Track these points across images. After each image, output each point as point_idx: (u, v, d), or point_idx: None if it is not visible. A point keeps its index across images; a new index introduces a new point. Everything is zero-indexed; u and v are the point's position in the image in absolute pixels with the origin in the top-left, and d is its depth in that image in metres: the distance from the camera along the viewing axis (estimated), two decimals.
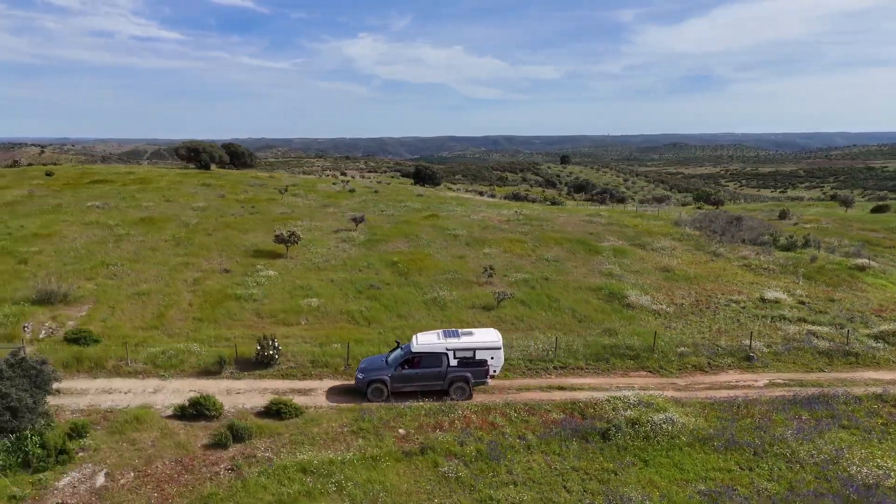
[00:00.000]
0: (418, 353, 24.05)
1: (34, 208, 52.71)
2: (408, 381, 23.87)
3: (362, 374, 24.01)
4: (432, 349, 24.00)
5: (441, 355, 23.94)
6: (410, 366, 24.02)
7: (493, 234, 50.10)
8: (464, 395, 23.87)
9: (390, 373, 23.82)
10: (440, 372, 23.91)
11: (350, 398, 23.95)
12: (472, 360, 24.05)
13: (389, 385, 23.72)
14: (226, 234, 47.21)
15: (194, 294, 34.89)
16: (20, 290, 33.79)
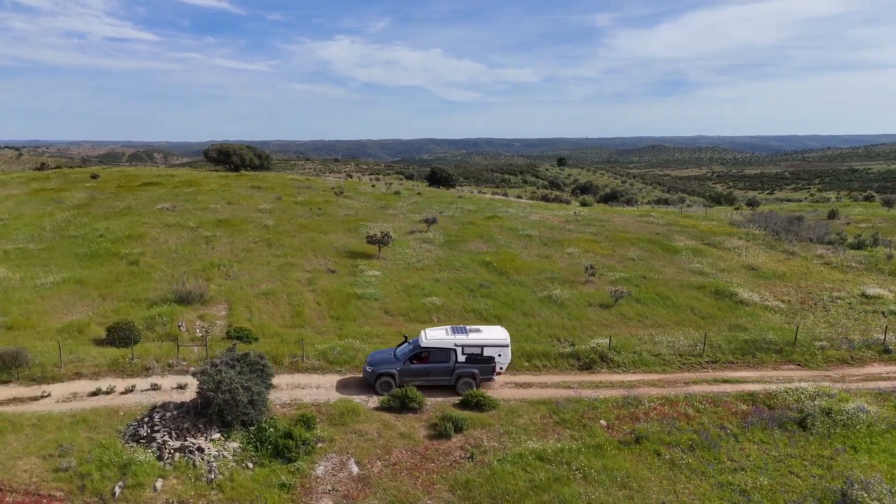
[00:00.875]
0: (427, 348, 24.41)
1: (105, 211, 52.78)
2: (416, 376, 24.21)
3: (371, 367, 24.39)
4: (441, 344, 24.42)
5: (450, 351, 24.37)
6: (419, 360, 24.39)
7: (564, 234, 51.49)
8: (470, 390, 24.19)
9: (399, 367, 24.18)
10: (448, 367, 24.39)
11: (530, 390, 25.07)
12: (480, 356, 24.53)
13: (398, 379, 24.08)
14: (309, 236, 47.87)
15: (315, 293, 35.66)
16: (150, 290, 34.30)
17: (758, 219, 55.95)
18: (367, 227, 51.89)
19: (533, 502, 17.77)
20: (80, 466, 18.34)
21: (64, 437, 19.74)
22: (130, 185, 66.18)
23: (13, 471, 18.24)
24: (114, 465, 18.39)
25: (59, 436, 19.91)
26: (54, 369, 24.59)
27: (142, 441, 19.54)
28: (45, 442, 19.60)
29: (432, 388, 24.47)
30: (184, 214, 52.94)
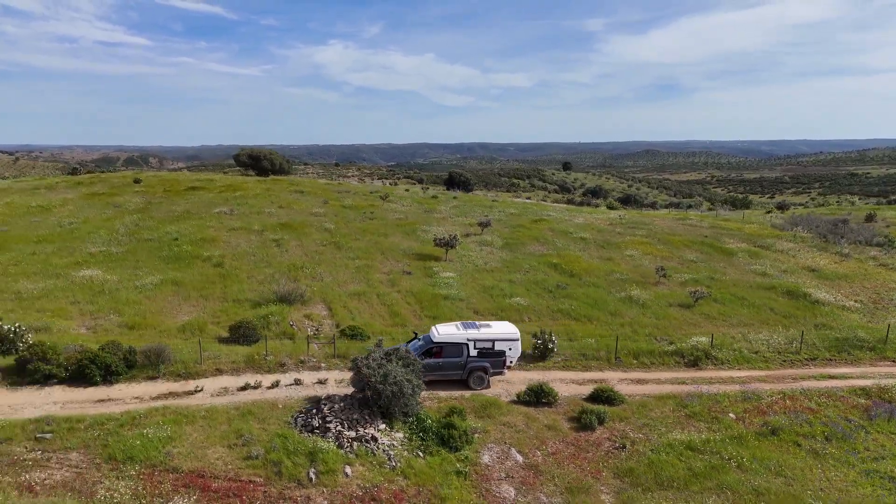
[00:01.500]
0: (440, 344, 24.84)
1: (166, 215, 53.59)
2: (429, 371, 24.25)
3: None
4: (454, 340, 24.85)
5: (462, 346, 24.81)
6: (432, 356, 24.81)
7: (616, 237, 52.87)
8: (482, 384, 24.99)
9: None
10: (460, 362, 24.85)
11: (648, 386, 26.30)
12: (492, 350, 25.03)
13: None
14: (371, 239, 48.95)
15: (402, 294, 36.78)
16: (245, 291, 35.32)
17: (800, 222, 57.54)
18: (424, 231, 53.14)
19: (699, 488, 18.99)
20: (269, 454, 19.38)
21: (240, 428, 20.78)
22: (176, 189, 66.93)
23: (206, 459, 19.26)
24: (300, 453, 19.44)
25: (234, 427, 20.94)
26: (195, 366, 25.59)
27: (316, 431, 20.60)
28: (222, 432, 20.63)
29: (444, 382, 24.90)
30: (243, 218, 53.86)
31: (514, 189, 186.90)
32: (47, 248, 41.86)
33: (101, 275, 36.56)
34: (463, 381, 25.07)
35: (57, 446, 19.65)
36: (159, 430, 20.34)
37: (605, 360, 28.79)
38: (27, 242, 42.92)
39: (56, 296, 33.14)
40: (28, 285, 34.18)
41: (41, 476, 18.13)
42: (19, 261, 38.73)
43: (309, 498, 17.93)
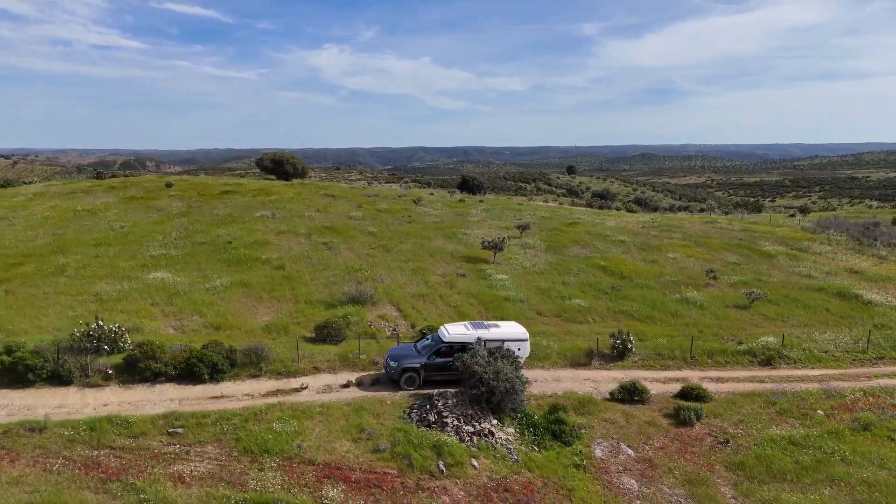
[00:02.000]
0: (450, 343, 24.81)
1: (210, 219, 54.21)
2: (439, 370, 24.52)
3: (395, 361, 24.63)
4: (464, 339, 24.78)
5: (472, 345, 24.74)
6: (442, 355, 24.75)
7: (654, 240, 53.85)
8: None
9: (423, 361, 24.47)
10: None
11: (729, 385, 27.23)
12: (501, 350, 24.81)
13: (422, 373, 24.44)
14: (416, 242, 49.75)
15: (462, 295, 37.58)
16: (314, 293, 36.12)
17: (830, 225, 58.72)
18: (464, 234, 54.02)
19: (810, 480, 19.91)
20: (396, 448, 20.19)
21: (359, 423, 21.59)
22: (210, 193, 67.54)
23: (336, 452, 20.06)
24: (425, 447, 20.25)
25: (352, 422, 21.75)
26: (293, 364, 26.36)
27: (434, 426, 21.42)
28: (342, 427, 21.44)
29: (452, 382, 24.60)
30: (285, 222, 54.56)
31: (520, 192, 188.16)
32: (108, 251, 42.45)
33: (171, 277, 37.23)
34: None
35: (190, 440, 20.41)
36: (285, 424, 21.13)
37: (681, 359, 29.68)
38: (86, 245, 43.51)
39: (134, 297, 33.81)
40: (105, 287, 34.83)
41: (187, 468, 18.88)
42: (85, 263, 39.33)
43: (445, 488, 18.74)
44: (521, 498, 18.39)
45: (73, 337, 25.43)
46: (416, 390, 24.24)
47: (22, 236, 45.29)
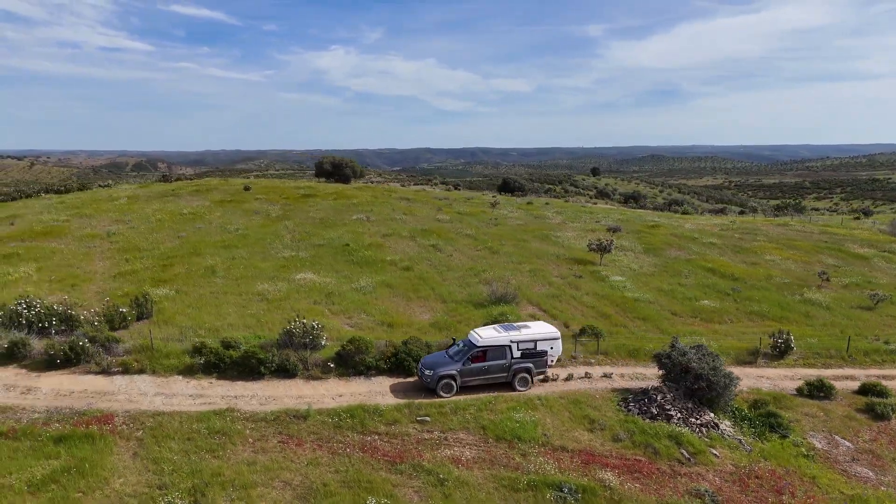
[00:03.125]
0: (484, 347, 24.93)
1: (310, 222, 55.74)
2: (475, 375, 24.72)
3: (430, 370, 24.55)
4: (497, 342, 25.03)
5: (505, 348, 25.00)
6: (476, 360, 24.83)
7: (742, 242, 55.29)
8: (527, 385, 25.19)
9: (458, 367, 24.49)
10: (505, 364, 24.96)
11: (893, 381, 28.65)
12: (534, 351, 25.36)
13: (458, 379, 24.51)
14: (517, 244, 51.29)
15: (591, 296, 38.92)
16: (454, 293, 37.63)
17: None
18: (557, 236, 55.53)
19: None
20: (634, 437, 21.68)
21: (584, 414, 23.14)
22: (291, 196, 69.14)
23: (580, 441, 21.56)
24: (661, 437, 21.73)
25: (576, 413, 23.27)
26: None
27: (658, 418, 22.90)
28: (569, 418, 22.97)
29: (488, 386, 25.14)
30: (382, 225, 56.11)
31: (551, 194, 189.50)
32: (239, 252, 44.00)
33: (316, 278, 38.78)
34: (507, 383, 25.22)
35: (440, 427, 21.95)
36: (521, 414, 22.64)
37: (838, 357, 31.10)
38: (214, 247, 45.07)
39: (295, 297, 35.36)
40: (266, 287, 36.38)
41: (456, 452, 20.40)
42: (229, 265, 40.88)
43: (699, 474, 20.22)
44: (773, 484, 19.84)
45: (285, 333, 26.95)
46: (453, 396, 24.33)
47: (151, 238, 46.86)
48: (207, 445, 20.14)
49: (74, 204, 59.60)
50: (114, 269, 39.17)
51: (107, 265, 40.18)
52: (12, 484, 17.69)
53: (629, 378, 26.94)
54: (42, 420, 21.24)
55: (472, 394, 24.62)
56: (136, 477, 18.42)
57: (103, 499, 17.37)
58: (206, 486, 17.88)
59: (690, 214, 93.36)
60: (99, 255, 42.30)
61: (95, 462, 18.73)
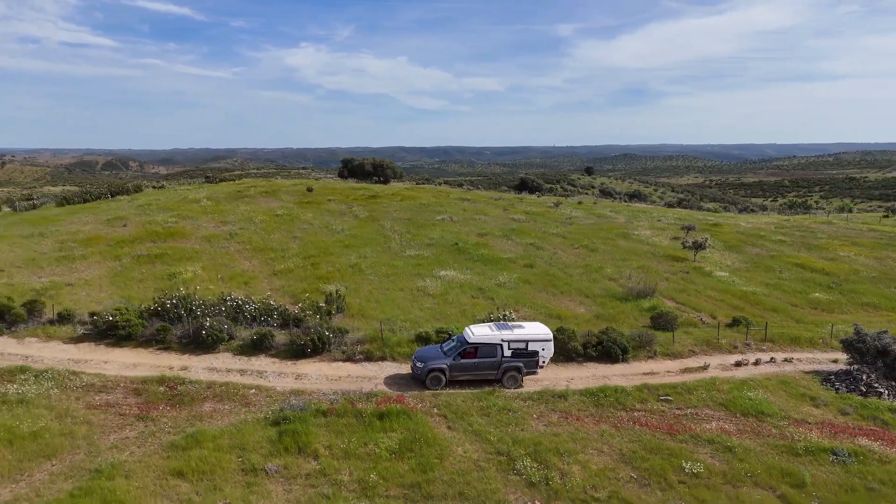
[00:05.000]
0: (475, 344, 25.50)
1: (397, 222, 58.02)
2: (465, 370, 25.42)
3: (421, 362, 25.38)
4: (488, 340, 25.53)
5: (496, 346, 25.50)
6: (467, 356, 25.53)
7: (808, 240, 59.39)
8: (515, 383, 25.79)
9: (449, 362, 25.18)
10: (495, 362, 25.55)
11: None
12: (525, 351, 25.81)
13: (448, 373, 25.24)
14: (606, 242, 54.57)
15: (710, 289, 42.35)
16: (591, 288, 40.63)
17: None
18: (635, 235, 58.90)
19: None
20: (861, 411, 24.84)
21: (801, 392, 26.35)
22: (357, 197, 71.28)
23: (811, 415, 24.67)
24: (883, 410, 24.86)
25: (791, 391, 26.44)
26: (671, 347, 30.91)
27: (868, 395, 26.17)
28: (787, 395, 26.11)
29: (478, 381, 25.96)
30: (471, 224, 58.85)
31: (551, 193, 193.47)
32: (365, 251, 46.27)
33: (458, 275, 41.35)
34: (497, 380, 25.94)
35: (683, 405, 24.90)
36: (753, 392, 25.73)
37: None
38: (337, 247, 47.24)
39: (455, 292, 37.90)
40: (424, 283, 38.85)
41: (717, 425, 23.36)
42: (372, 262, 43.14)
43: None
44: None
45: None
46: (441, 390, 25.25)
47: (270, 239, 48.78)
48: (506, 419, 22.79)
49: (163, 205, 60.86)
50: (267, 268, 41.19)
51: (256, 264, 42.14)
52: (374, 451, 20.16)
53: (807, 362, 30.23)
54: (341, 400, 23.60)
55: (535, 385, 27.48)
56: (470, 445, 21.00)
57: (458, 463, 19.92)
58: (537, 452, 20.55)
59: (719, 213, 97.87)
60: (239, 255, 44.17)
61: (428, 434, 21.27)
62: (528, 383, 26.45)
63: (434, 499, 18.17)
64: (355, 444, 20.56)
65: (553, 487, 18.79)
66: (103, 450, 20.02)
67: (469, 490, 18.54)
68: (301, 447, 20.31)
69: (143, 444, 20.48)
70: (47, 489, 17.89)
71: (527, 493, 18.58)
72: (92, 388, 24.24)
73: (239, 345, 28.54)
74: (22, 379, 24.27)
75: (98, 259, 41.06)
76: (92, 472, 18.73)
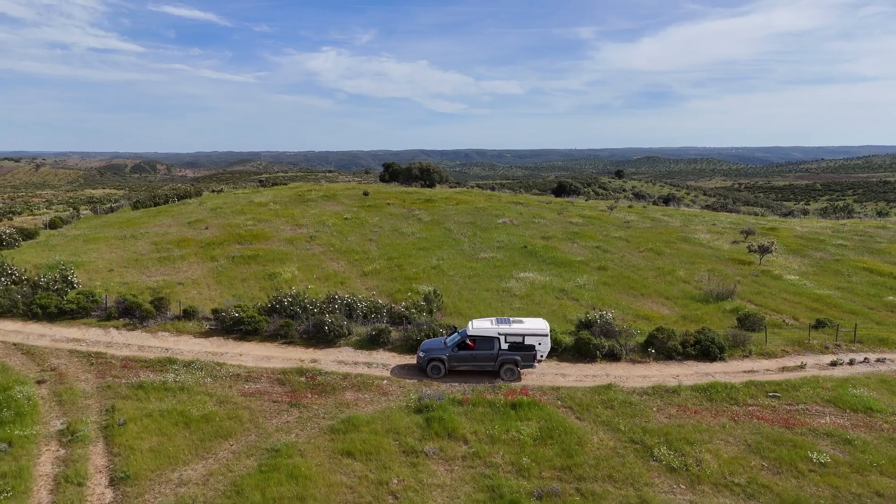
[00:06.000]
0: (473, 337, 26.72)
1: (461, 226, 59.77)
2: (463, 361, 26.63)
3: (423, 353, 26.92)
4: (486, 333, 26.65)
5: (494, 339, 26.57)
6: (466, 348, 26.77)
7: (868, 244, 59.86)
8: (513, 376, 26.66)
9: (448, 353, 26.59)
10: (492, 354, 26.59)
11: None
12: (522, 345, 26.64)
13: (447, 363, 26.62)
14: (669, 246, 55.61)
15: (784, 292, 43.30)
16: (669, 290, 41.84)
17: None
18: (696, 239, 59.83)
19: None
20: None
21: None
22: (410, 200, 73.14)
23: None
24: None
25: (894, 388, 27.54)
26: (764, 347, 32.09)
27: None
28: (890, 392, 27.20)
29: (477, 373, 27.17)
30: (530, 228, 60.30)
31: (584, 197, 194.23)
32: (440, 254, 47.97)
33: (538, 277, 42.86)
34: (495, 372, 26.99)
35: (791, 401, 26.10)
36: (856, 390, 26.86)
37: None
38: (413, 249, 49.03)
39: (539, 293, 39.43)
40: (509, 284, 40.42)
41: (831, 420, 24.56)
42: (448, 265, 44.82)
43: None
44: None
45: (582, 323, 31.07)
46: (441, 378, 26.66)
47: (348, 241, 50.74)
48: (629, 412, 24.25)
49: (235, 209, 63.17)
50: (355, 269, 43.06)
51: (343, 265, 44.05)
52: (517, 437, 21.75)
53: None
54: (470, 391, 25.24)
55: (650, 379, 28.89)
56: (603, 434, 22.49)
57: (597, 450, 21.39)
58: (669, 441, 21.97)
59: (765, 216, 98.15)
60: (325, 257, 46.13)
61: (561, 423, 22.79)
62: (634, 380, 27.85)
63: (585, 480, 19.67)
64: (498, 431, 22.15)
65: (693, 473, 20.20)
66: (271, 432, 21.83)
67: (616, 473, 20.03)
68: (450, 432, 21.96)
69: (304, 427, 22.28)
70: (235, 465, 19.73)
71: (670, 478, 20.01)
72: (238, 377, 26.15)
73: (357, 340, 30.34)
74: (174, 369, 26.26)
75: (195, 260, 43.21)
76: (269, 451, 20.54)
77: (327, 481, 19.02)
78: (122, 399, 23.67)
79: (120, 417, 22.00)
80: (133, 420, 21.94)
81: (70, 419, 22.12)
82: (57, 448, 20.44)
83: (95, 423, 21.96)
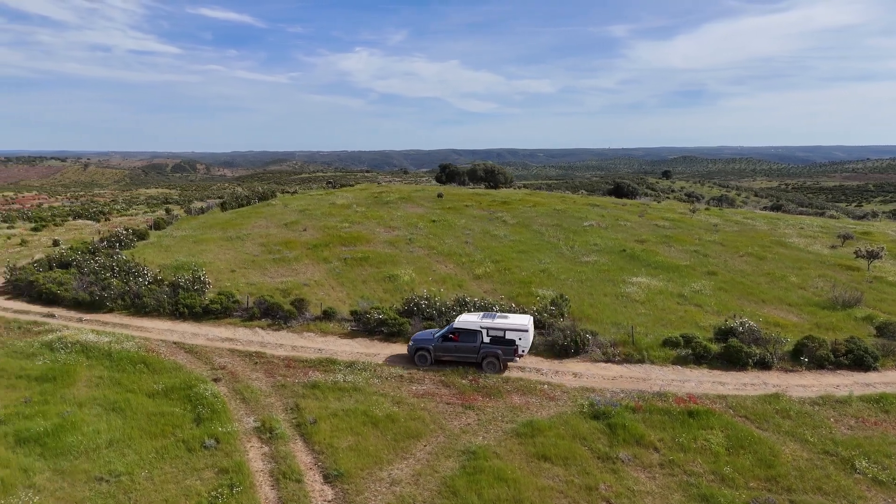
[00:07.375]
0: (457, 329, 27.94)
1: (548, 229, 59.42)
2: (447, 352, 27.70)
3: (413, 342, 28.39)
4: (469, 326, 27.75)
5: (476, 332, 27.53)
6: (451, 339, 27.93)
7: None
8: (495, 369, 27.34)
9: (433, 343, 27.83)
10: (475, 346, 27.48)
11: None
12: (503, 339, 27.39)
13: (433, 353, 27.76)
14: (768, 250, 54.52)
15: None
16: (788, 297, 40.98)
17: None
18: (790, 242, 58.51)
19: None
20: None
21: None
22: (493, 202, 73.10)
23: None
24: None
25: None
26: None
27: None
28: None
29: (461, 363, 27.77)
30: (618, 231, 59.69)
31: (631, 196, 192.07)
32: (541, 257, 47.75)
33: (651, 281, 42.39)
34: (478, 364, 27.67)
35: None
36: None
37: None
38: (511, 252, 48.91)
39: (657, 298, 38.95)
40: (627, 289, 40.08)
41: None
42: (555, 269, 44.64)
43: None
44: None
45: (721, 331, 30.68)
46: (427, 367, 27.67)
47: (445, 244, 50.87)
48: (809, 422, 23.76)
49: (322, 210, 63.93)
50: (465, 272, 43.14)
51: (452, 268, 44.18)
52: (706, 446, 21.42)
53: None
54: (637, 397, 25.06)
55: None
56: (793, 445, 22.00)
57: (793, 461, 20.88)
58: (865, 453, 21.43)
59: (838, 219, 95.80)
60: (432, 259, 46.32)
61: (747, 432, 22.40)
62: (794, 389, 27.28)
63: (795, 492, 19.30)
64: (686, 439, 21.91)
65: None
66: (457, 434, 21.91)
67: (824, 486, 19.57)
68: (637, 439, 21.78)
69: (486, 430, 22.32)
70: (437, 465, 19.85)
71: (881, 492, 19.52)
72: (401, 378, 26.37)
73: None
74: (338, 369, 26.59)
75: (308, 262, 43.79)
76: (464, 452, 20.61)
77: (536, 485, 19.01)
78: (302, 398, 24.04)
79: (310, 416, 22.33)
80: (322, 419, 22.25)
81: (261, 417, 22.55)
82: (260, 445, 20.84)
83: (286, 421, 22.34)
